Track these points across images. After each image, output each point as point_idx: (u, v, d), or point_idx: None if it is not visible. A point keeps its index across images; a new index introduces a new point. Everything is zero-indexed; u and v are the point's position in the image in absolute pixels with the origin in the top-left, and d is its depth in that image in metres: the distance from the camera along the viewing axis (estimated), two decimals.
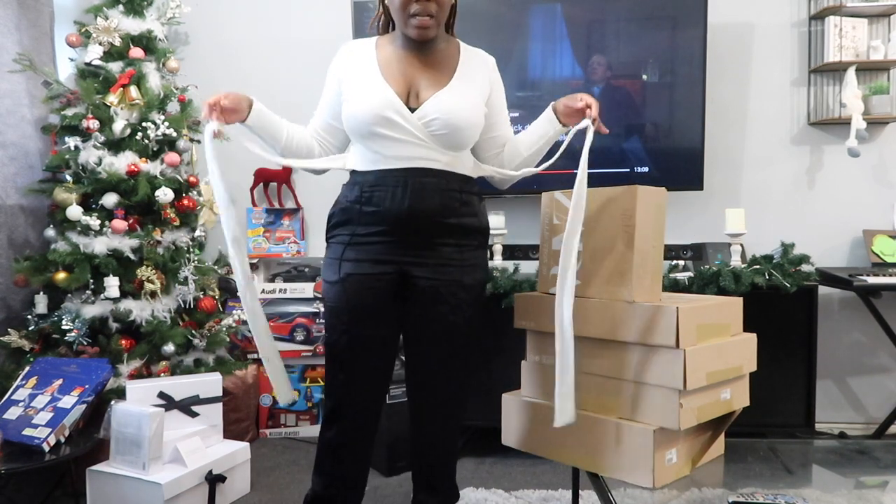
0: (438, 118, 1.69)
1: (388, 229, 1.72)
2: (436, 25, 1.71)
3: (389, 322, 1.80)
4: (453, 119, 1.69)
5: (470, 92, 1.76)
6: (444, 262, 1.75)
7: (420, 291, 1.76)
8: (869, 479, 1.86)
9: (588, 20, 3.17)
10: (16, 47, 2.85)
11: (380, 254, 1.74)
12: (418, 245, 1.74)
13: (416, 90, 1.73)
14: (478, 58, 1.84)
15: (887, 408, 3.19)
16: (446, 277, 1.75)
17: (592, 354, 1.76)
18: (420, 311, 1.78)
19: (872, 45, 3.13)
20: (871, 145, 3.25)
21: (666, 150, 3.14)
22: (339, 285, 1.75)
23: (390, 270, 1.74)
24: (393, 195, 1.70)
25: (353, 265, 1.74)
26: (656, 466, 1.62)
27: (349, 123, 1.75)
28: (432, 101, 1.70)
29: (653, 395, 1.65)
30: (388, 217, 1.71)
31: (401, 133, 1.69)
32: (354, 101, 1.73)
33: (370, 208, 1.72)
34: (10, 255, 2.78)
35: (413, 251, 1.74)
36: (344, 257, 1.75)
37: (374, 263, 1.74)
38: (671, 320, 1.60)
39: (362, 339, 1.76)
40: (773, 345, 2.73)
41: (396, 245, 1.73)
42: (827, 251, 3.27)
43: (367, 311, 1.75)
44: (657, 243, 1.74)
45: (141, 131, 2.85)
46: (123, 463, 2.28)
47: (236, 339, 3.23)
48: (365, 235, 1.74)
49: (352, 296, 1.74)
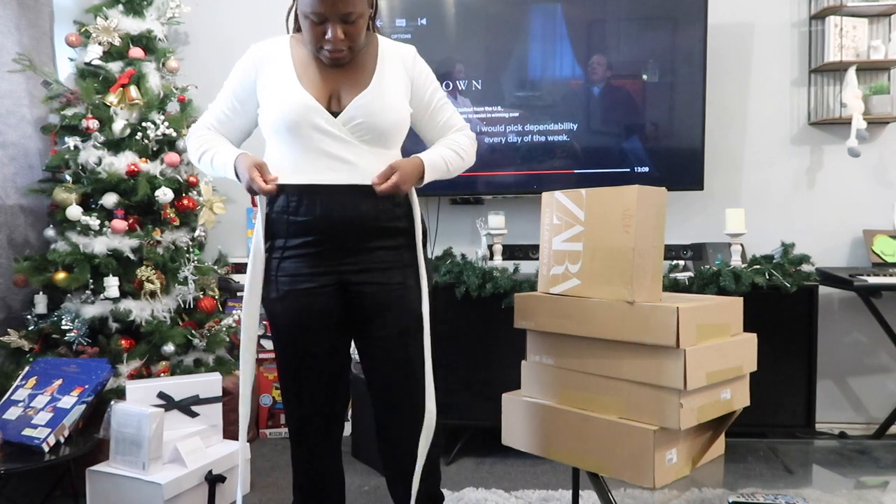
0: (363, 122, 1.63)
1: (320, 238, 1.65)
2: (350, 53, 1.64)
3: (336, 332, 1.74)
4: (377, 121, 1.64)
5: (392, 91, 1.69)
6: (384, 265, 1.69)
7: (364, 298, 1.70)
8: (869, 479, 1.86)
9: (588, 20, 3.17)
10: (16, 47, 2.85)
11: (315, 265, 1.67)
12: (354, 251, 1.67)
13: (338, 94, 1.67)
14: (396, 53, 1.74)
15: (887, 408, 3.19)
16: (390, 281, 1.70)
17: (592, 354, 1.76)
18: (366, 318, 1.72)
19: (873, 44, 3.13)
20: (872, 145, 3.25)
21: (666, 150, 3.14)
22: (279, 303, 1.69)
23: (329, 281, 1.68)
24: (323, 202, 1.63)
25: (289, 280, 1.67)
26: (656, 466, 1.62)
27: (269, 129, 1.67)
28: (355, 105, 1.64)
29: (653, 395, 1.65)
30: (320, 225, 1.64)
31: (326, 138, 1.63)
32: (273, 108, 1.65)
33: (300, 218, 1.64)
34: (10, 255, 2.78)
35: (350, 258, 1.67)
36: (279, 272, 1.68)
37: (311, 276, 1.67)
38: (671, 320, 1.60)
39: (310, 354, 1.72)
40: (774, 345, 2.73)
41: (332, 254, 1.67)
42: (827, 251, 3.27)
43: (312, 326, 1.69)
44: (657, 243, 1.74)
45: (141, 131, 2.85)
46: (123, 463, 2.28)
47: (236, 339, 3.23)
48: (297, 247, 1.67)
49: (293, 313, 1.68)
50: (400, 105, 1.70)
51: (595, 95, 3.17)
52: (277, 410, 3.30)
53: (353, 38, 1.61)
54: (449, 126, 1.81)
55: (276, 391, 3.31)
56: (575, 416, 1.77)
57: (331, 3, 1.54)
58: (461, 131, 1.83)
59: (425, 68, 1.79)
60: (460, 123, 1.84)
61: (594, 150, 3.18)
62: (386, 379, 1.77)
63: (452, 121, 1.82)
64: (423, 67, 1.78)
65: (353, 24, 1.59)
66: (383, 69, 1.70)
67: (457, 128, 1.82)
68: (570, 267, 1.82)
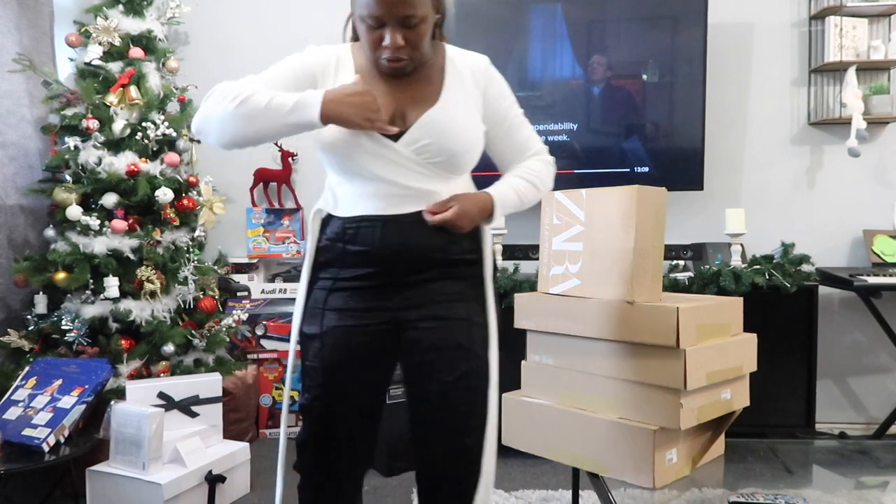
0: (431, 143, 1.43)
1: (377, 271, 1.45)
2: (412, 62, 1.44)
3: (375, 376, 1.52)
4: (448, 142, 1.44)
5: (463, 107, 1.49)
6: (446, 297, 1.47)
7: (420, 334, 1.46)
8: (869, 479, 1.86)
9: (588, 20, 3.17)
10: (16, 47, 2.85)
11: (369, 300, 1.46)
12: (413, 285, 1.46)
13: (402, 110, 1.46)
14: (466, 64, 1.54)
15: (887, 408, 3.19)
16: (455, 316, 1.46)
17: (592, 354, 1.76)
18: (421, 359, 1.46)
19: (873, 44, 3.13)
20: (872, 145, 3.25)
21: (666, 150, 3.14)
22: (319, 340, 1.47)
23: (383, 319, 1.46)
24: (383, 231, 1.43)
25: (336, 315, 1.46)
26: (656, 466, 1.62)
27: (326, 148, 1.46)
28: (422, 123, 1.44)
29: (653, 395, 1.64)
30: (378, 257, 1.44)
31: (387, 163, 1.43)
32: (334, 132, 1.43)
33: (355, 247, 1.45)
34: (9, 255, 2.78)
35: (408, 292, 1.46)
36: (327, 306, 1.48)
37: (364, 312, 1.46)
38: (671, 320, 1.60)
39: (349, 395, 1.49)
40: (774, 345, 2.73)
41: (388, 289, 1.46)
42: (827, 251, 3.27)
43: (352, 368, 1.47)
44: (657, 243, 1.74)
45: (141, 131, 2.85)
46: (123, 463, 2.28)
47: (236, 339, 3.23)
48: (350, 279, 1.47)
49: (339, 351, 1.47)
50: (473, 123, 1.50)
51: (595, 95, 3.17)
52: (277, 410, 3.30)
53: (415, 45, 1.42)
54: (526, 148, 1.59)
55: (276, 391, 3.31)
56: (575, 416, 1.77)
57: (388, 5, 1.37)
58: (538, 156, 1.60)
59: (500, 80, 1.58)
60: (538, 146, 1.61)
61: (594, 150, 3.18)
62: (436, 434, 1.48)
63: (530, 142, 1.60)
64: (498, 79, 1.57)
65: (415, 30, 1.40)
66: (453, 83, 1.50)
67: (533, 151, 1.60)
68: (570, 267, 1.82)
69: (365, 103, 1.36)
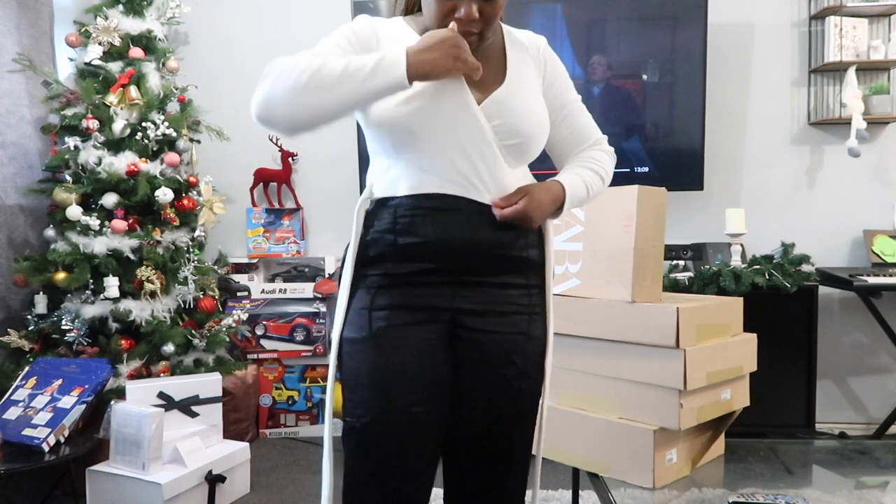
0: (504, 122, 1.28)
1: (434, 266, 1.27)
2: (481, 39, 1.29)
3: (443, 390, 1.29)
4: (521, 123, 1.30)
5: (530, 87, 1.35)
6: (510, 308, 1.31)
7: (475, 349, 1.29)
8: (869, 479, 1.85)
9: (588, 20, 3.17)
10: (15, 47, 2.85)
11: (426, 298, 1.27)
12: (474, 285, 1.29)
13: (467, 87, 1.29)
14: (525, 43, 1.40)
15: (887, 408, 3.19)
16: (512, 330, 1.30)
17: (592, 354, 1.76)
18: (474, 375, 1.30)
19: (873, 44, 3.12)
20: (872, 145, 3.25)
21: (666, 150, 3.14)
22: (369, 344, 1.26)
23: (442, 319, 1.28)
24: (438, 221, 1.25)
25: (387, 315, 1.26)
26: (656, 466, 1.62)
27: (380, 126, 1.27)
28: (492, 102, 1.28)
29: (653, 395, 1.64)
30: (436, 250, 1.26)
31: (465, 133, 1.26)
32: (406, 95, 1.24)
33: (408, 239, 1.26)
34: (9, 255, 2.78)
35: (467, 293, 1.29)
36: (374, 305, 1.27)
37: (420, 311, 1.27)
38: (671, 320, 1.60)
39: (411, 419, 1.24)
40: (773, 345, 2.73)
41: (447, 286, 1.28)
42: (827, 251, 3.26)
43: (416, 376, 1.25)
44: (657, 243, 1.74)
45: (141, 131, 2.85)
46: (123, 463, 2.28)
47: (236, 339, 3.23)
48: (404, 275, 1.27)
49: (390, 358, 1.25)
50: (541, 105, 1.36)
51: (595, 95, 3.17)
52: (277, 410, 3.30)
53: (489, 20, 1.27)
54: (587, 136, 1.45)
55: (276, 391, 3.31)
56: (575, 416, 1.77)
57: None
58: (598, 145, 1.46)
59: (559, 62, 1.44)
60: (597, 134, 1.47)
61: None
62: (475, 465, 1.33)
63: (591, 130, 1.46)
64: (557, 61, 1.43)
65: (492, 2, 1.25)
66: (516, 62, 1.36)
67: (593, 140, 1.46)
68: (570, 267, 1.82)
69: (451, 43, 1.19)
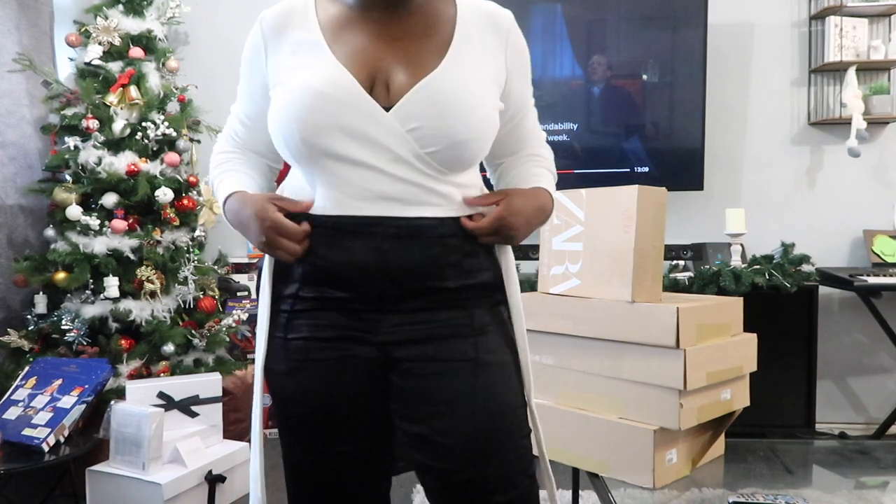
0: (424, 126, 1.02)
1: (355, 293, 1.06)
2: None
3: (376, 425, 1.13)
4: (452, 125, 1.02)
5: (479, 72, 1.08)
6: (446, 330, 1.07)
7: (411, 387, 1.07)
8: (869, 479, 1.85)
9: (588, 20, 3.17)
10: (16, 47, 2.85)
11: (346, 325, 1.07)
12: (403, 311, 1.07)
13: (386, 76, 1.04)
14: (485, 16, 1.12)
15: (887, 408, 3.19)
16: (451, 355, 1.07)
17: (592, 354, 1.76)
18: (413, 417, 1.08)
19: (873, 44, 3.13)
20: (872, 145, 3.25)
21: (666, 150, 3.14)
22: (289, 379, 1.10)
23: (366, 352, 1.07)
24: (360, 245, 1.04)
25: (304, 346, 1.08)
26: (656, 466, 1.62)
27: (280, 135, 1.06)
28: (416, 96, 1.02)
29: (653, 395, 1.64)
30: (349, 271, 1.05)
31: (367, 149, 1.02)
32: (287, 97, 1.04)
33: (322, 261, 1.06)
34: (9, 255, 2.78)
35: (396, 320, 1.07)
36: (290, 333, 1.09)
37: (339, 342, 1.08)
38: (671, 320, 1.60)
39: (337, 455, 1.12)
40: (773, 345, 2.73)
41: (370, 312, 1.07)
42: (827, 251, 3.27)
43: (340, 414, 1.10)
44: (657, 243, 1.73)
45: (141, 131, 2.85)
46: (123, 463, 2.28)
47: (236, 339, 3.23)
48: (318, 300, 1.08)
49: (312, 394, 1.09)
50: (488, 98, 1.08)
51: (595, 95, 3.18)
52: None
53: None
54: (533, 137, 1.25)
55: None
56: (575, 416, 1.77)
57: None
58: (542, 143, 1.28)
59: (525, 47, 1.19)
60: (541, 132, 1.29)
61: (594, 150, 3.18)
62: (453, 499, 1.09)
63: (537, 129, 1.27)
64: (524, 46, 1.18)
65: None
66: (465, 37, 1.08)
67: (542, 139, 1.27)
68: (570, 267, 1.82)
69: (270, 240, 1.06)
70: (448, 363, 1.07)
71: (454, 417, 1.06)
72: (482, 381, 1.08)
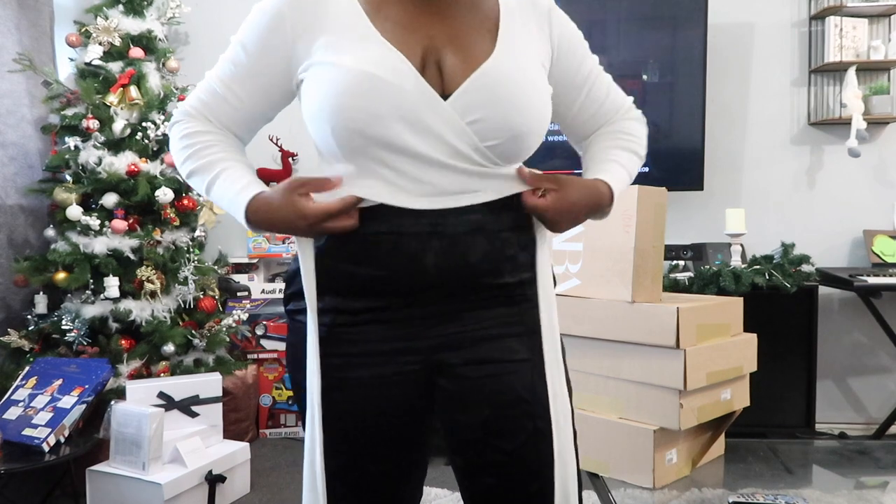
0: (485, 118, 0.96)
1: (400, 301, 1.00)
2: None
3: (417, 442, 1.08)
4: (513, 117, 0.97)
5: (530, 63, 1.03)
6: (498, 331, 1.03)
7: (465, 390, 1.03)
8: (869, 479, 1.86)
9: (588, 20, 3.17)
10: (16, 47, 2.85)
11: (390, 339, 1.01)
12: (454, 316, 1.02)
13: (437, 56, 0.97)
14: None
15: (887, 408, 3.19)
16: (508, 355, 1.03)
17: (592, 354, 1.76)
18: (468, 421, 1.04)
19: (873, 45, 3.12)
20: (872, 145, 3.25)
21: (666, 150, 3.14)
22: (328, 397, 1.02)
23: (413, 365, 1.02)
24: (407, 246, 0.97)
25: (344, 363, 1.02)
26: (656, 466, 1.62)
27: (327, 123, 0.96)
28: (474, 85, 0.96)
29: (653, 395, 1.65)
30: (401, 282, 0.99)
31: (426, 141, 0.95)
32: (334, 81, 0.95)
33: (368, 270, 0.99)
34: (10, 255, 2.78)
35: (448, 326, 1.02)
36: (328, 350, 1.02)
37: (384, 357, 1.01)
38: (671, 320, 1.60)
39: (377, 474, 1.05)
40: (773, 345, 2.72)
41: (418, 322, 1.01)
42: (827, 251, 3.26)
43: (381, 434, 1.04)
44: (657, 243, 1.74)
45: (141, 131, 2.85)
46: (123, 463, 2.28)
47: (236, 339, 3.23)
48: (361, 312, 1.01)
49: (353, 414, 1.03)
50: (542, 85, 1.04)
51: None
52: (277, 410, 3.30)
53: None
54: (613, 109, 1.15)
55: (277, 391, 3.31)
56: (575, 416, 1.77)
57: None
58: (629, 113, 1.17)
59: (570, 23, 1.13)
60: (625, 101, 1.17)
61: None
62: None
63: (617, 99, 1.16)
64: (568, 21, 1.13)
65: None
66: (511, 21, 1.03)
67: (624, 109, 1.17)
68: (570, 267, 1.83)
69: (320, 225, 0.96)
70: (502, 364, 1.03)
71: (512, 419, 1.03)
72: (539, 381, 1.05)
